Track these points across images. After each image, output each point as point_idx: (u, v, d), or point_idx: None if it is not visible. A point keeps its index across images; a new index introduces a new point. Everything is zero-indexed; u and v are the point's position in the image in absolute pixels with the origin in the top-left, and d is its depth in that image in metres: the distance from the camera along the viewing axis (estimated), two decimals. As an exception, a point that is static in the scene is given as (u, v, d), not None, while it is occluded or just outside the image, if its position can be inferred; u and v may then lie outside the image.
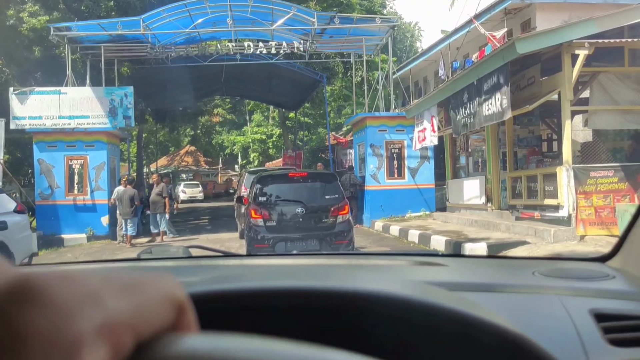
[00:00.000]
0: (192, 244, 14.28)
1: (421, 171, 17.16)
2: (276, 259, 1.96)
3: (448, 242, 10.70)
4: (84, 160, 16.33)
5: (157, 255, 2.16)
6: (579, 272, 1.45)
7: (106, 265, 2.12)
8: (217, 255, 2.13)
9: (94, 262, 2.27)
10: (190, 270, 1.81)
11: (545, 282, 1.32)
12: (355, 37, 17.76)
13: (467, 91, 11.65)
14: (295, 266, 1.49)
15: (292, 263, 1.84)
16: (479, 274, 1.59)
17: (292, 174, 10.13)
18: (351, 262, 1.82)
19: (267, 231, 9.29)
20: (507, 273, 1.57)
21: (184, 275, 1.70)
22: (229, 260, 1.97)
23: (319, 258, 1.90)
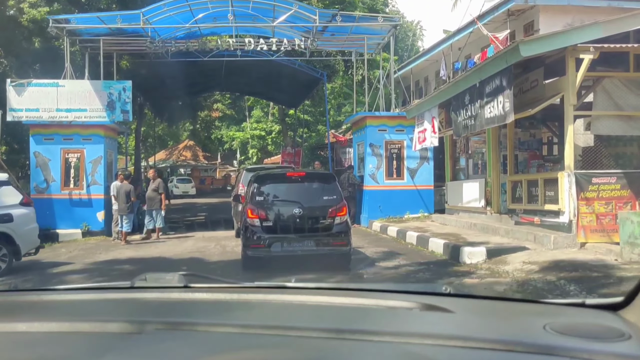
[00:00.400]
0: (188, 242, 14.14)
1: (420, 172, 17.04)
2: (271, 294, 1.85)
3: (446, 245, 10.58)
4: (80, 153, 16.18)
5: (151, 283, 2.04)
6: (592, 328, 1.37)
7: (99, 295, 1.97)
8: (214, 286, 2.01)
9: (86, 289, 2.17)
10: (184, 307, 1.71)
11: (557, 341, 1.26)
12: (357, 36, 17.61)
13: (469, 93, 11.52)
14: None
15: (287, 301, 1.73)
16: (488, 327, 1.49)
17: (290, 174, 10.01)
18: (350, 301, 1.70)
19: (263, 231, 9.16)
20: (518, 326, 1.47)
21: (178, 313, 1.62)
22: (225, 295, 1.86)
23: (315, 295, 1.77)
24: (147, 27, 15.77)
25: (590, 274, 7.19)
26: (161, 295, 1.87)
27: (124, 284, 2.05)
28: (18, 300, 1.92)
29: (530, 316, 1.57)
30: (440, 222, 14.95)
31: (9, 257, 10.14)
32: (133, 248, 13.49)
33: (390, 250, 11.63)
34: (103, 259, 11.62)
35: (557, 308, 1.65)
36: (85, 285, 2.28)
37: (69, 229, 15.75)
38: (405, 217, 16.47)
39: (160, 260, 11.45)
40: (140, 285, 1.98)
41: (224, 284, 2.06)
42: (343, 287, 1.95)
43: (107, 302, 1.85)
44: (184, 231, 17.36)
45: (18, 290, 2.12)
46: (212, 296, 1.85)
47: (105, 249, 13.30)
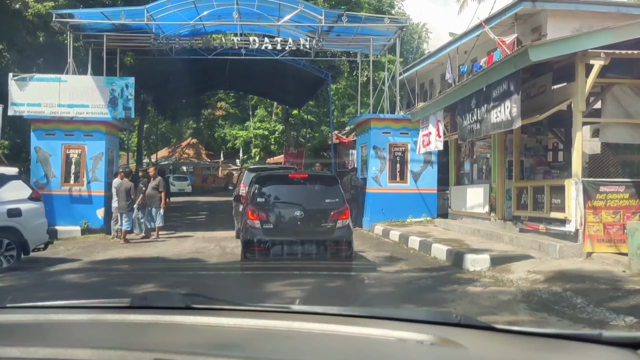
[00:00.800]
0: (187, 242, 13.99)
1: (424, 176, 16.87)
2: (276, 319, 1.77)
3: (449, 252, 10.41)
4: (81, 149, 16.06)
5: (152, 302, 1.98)
6: None
7: (97, 316, 1.89)
8: (217, 308, 1.95)
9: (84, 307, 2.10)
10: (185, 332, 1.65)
11: None
12: (363, 37, 17.45)
13: (475, 97, 11.34)
14: None
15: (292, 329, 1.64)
16: None
17: (292, 175, 9.86)
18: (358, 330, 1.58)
19: (263, 233, 9.00)
20: None
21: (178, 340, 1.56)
22: (229, 319, 1.79)
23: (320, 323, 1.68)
24: (151, 24, 15.63)
25: (598, 286, 7.01)
26: (162, 318, 1.81)
27: (124, 303, 2.00)
28: (12, 321, 1.86)
29: (546, 353, 1.49)
30: (443, 227, 14.77)
31: (17, 252, 10.10)
32: (132, 247, 13.34)
33: (392, 255, 11.46)
34: (101, 258, 11.47)
35: (574, 344, 1.52)
36: (82, 302, 2.22)
37: (68, 225, 15.62)
38: (408, 221, 16.30)
39: (158, 260, 11.29)
40: (140, 305, 1.93)
41: (228, 305, 1.99)
42: (350, 314, 1.85)
43: (106, 325, 1.79)
44: (184, 230, 17.24)
45: (14, 307, 2.04)
46: (215, 320, 1.78)
47: (104, 248, 13.16)
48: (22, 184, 10.83)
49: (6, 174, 10.77)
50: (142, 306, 1.90)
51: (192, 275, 9.63)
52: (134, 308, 1.89)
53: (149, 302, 1.95)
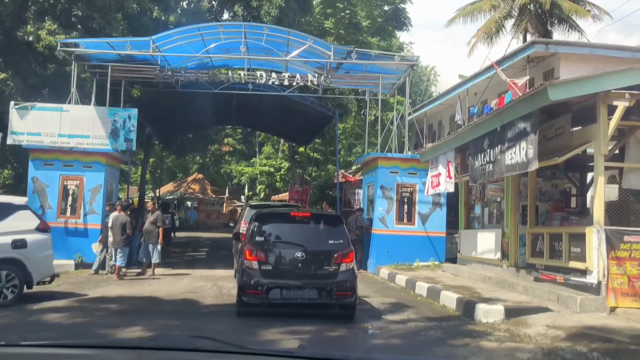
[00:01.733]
0: (184, 280, 13.37)
1: (432, 218, 16.27)
2: None
3: (460, 301, 9.73)
4: (80, 181, 15.62)
5: (162, 344, 2.06)
6: None
7: (108, 355, 1.99)
8: (223, 351, 2.06)
9: (95, 347, 2.19)
10: None
11: None
12: (372, 75, 17.12)
13: (488, 137, 10.85)
14: None
15: None
16: None
17: (294, 214, 9.25)
18: None
19: (261, 275, 8.40)
20: None
21: None
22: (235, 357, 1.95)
23: None
24: (157, 55, 15.36)
25: (627, 346, 6.33)
26: (171, 358, 1.91)
27: (134, 343, 2.17)
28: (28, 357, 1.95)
29: None
30: (452, 273, 14.09)
31: (20, 285, 9.70)
32: (125, 284, 12.72)
33: (398, 302, 10.79)
34: (91, 296, 10.85)
35: None
36: (94, 342, 2.52)
37: (62, 259, 14.88)
38: (415, 265, 15.63)
39: (150, 300, 10.67)
40: (150, 346, 2.01)
41: (234, 348, 2.07)
42: None
43: None
44: (183, 267, 16.68)
45: (28, 345, 2.09)
46: None
47: (96, 284, 12.55)
48: (30, 214, 10.57)
49: (14, 203, 10.56)
50: (152, 347, 1.98)
51: (183, 318, 8.99)
52: (145, 349, 1.95)
53: (159, 344, 2.02)
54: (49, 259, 10.68)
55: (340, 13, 27.45)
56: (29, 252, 9.87)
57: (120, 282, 12.99)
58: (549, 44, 17.83)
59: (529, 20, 28.27)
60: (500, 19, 28.41)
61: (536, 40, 18.11)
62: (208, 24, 16.37)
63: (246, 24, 16.41)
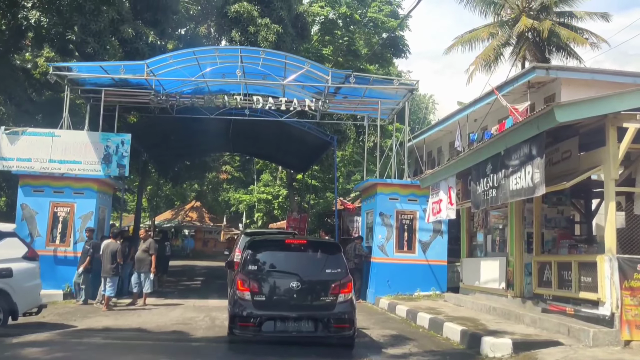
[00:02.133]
0: (176, 311, 12.82)
1: (433, 246, 15.79)
2: None
3: (464, 333, 9.22)
4: (70, 207, 15.15)
5: None
6: None
7: None
8: None
9: None
10: None
11: None
12: (370, 99, 16.82)
13: (491, 162, 10.47)
14: None
15: None
16: None
17: (289, 241, 8.79)
18: None
19: (254, 307, 7.91)
20: None
21: None
22: None
23: None
24: (151, 79, 15.04)
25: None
26: None
27: None
28: None
29: None
30: (454, 303, 13.56)
31: (4, 316, 9.30)
32: (114, 315, 12.17)
33: (399, 334, 10.26)
34: (76, 328, 10.31)
35: None
36: None
37: (50, 289, 14.36)
38: (416, 295, 15.09)
39: (138, 332, 10.12)
40: None
41: None
42: None
43: None
44: (176, 297, 16.14)
45: None
46: None
47: (83, 315, 12.01)
48: (17, 242, 10.19)
49: (1, 230, 10.10)
50: None
51: (171, 352, 8.47)
52: None
53: None
54: (37, 289, 10.27)
55: (338, 40, 27.39)
56: (14, 281, 9.44)
57: (108, 313, 12.45)
58: (550, 69, 17.59)
59: (527, 48, 28.24)
60: (498, 47, 28.37)
61: (537, 66, 17.88)
62: (204, 47, 16.12)
63: (242, 47, 16.17)
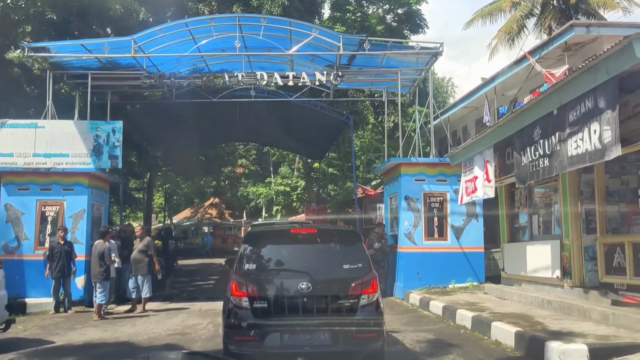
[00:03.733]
0: (177, 317, 11.18)
1: (468, 231, 13.93)
2: None
3: (520, 336, 7.41)
4: (59, 206, 13.64)
5: None
6: None
7: None
8: None
9: None
10: None
11: None
12: (389, 70, 14.92)
13: (540, 125, 8.60)
14: None
15: None
16: None
17: (296, 231, 6.96)
18: None
19: (254, 316, 6.18)
20: None
21: None
22: None
23: None
24: (140, 57, 13.33)
25: None
26: None
27: None
28: None
29: None
30: (497, 296, 11.72)
31: None
32: (104, 326, 10.58)
33: (437, 339, 8.49)
34: (50, 346, 8.71)
35: None
36: None
37: (41, 297, 13.05)
38: (451, 288, 13.28)
39: (124, 347, 8.49)
40: None
41: None
42: None
43: None
44: (183, 300, 14.62)
45: None
46: None
47: (70, 327, 10.48)
48: None
49: None
50: None
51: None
52: None
53: None
54: (2, 301, 8.73)
55: (350, 17, 25.45)
56: None
57: (99, 323, 10.88)
58: (591, 26, 15.47)
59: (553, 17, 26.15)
60: (521, 18, 26.39)
61: (575, 23, 15.75)
62: (197, 18, 14.31)
63: (240, 15, 14.29)
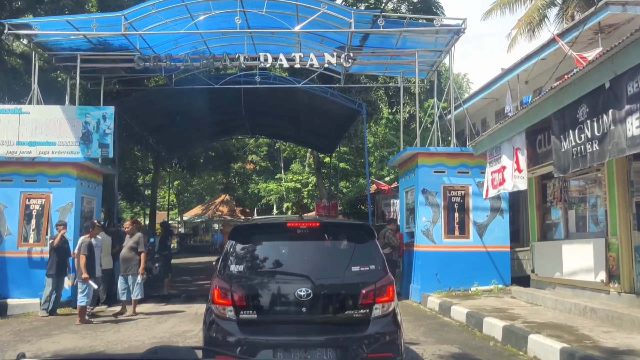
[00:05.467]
0: (169, 322, 9.93)
1: (492, 228, 12.63)
2: None
3: (569, 356, 6.10)
4: (45, 199, 12.52)
5: (162, 356, 1.98)
6: None
7: None
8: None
9: None
10: None
11: None
12: (405, 52, 13.60)
13: (587, 102, 7.29)
14: None
15: None
16: None
17: (294, 224, 5.67)
18: None
19: (240, 330, 4.96)
20: None
21: None
22: None
23: None
24: (131, 35, 12.12)
25: None
26: None
27: (135, 356, 2.07)
28: None
29: None
30: (527, 301, 10.39)
31: None
32: (85, 331, 9.41)
33: (463, 353, 7.21)
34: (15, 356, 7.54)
35: None
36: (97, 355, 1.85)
37: (24, 298, 12.00)
38: (473, 291, 11.99)
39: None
40: (150, 358, 1.92)
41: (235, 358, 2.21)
42: None
43: None
44: (180, 302, 13.45)
45: None
46: None
47: (47, 332, 9.35)
48: None
49: None
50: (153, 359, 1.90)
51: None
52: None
53: (159, 356, 1.96)
54: None
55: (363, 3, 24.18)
56: None
57: (80, 328, 9.71)
58: (627, 4, 14.08)
59: (577, 6, 24.68)
60: (542, 7, 24.96)
61: (610, 1, 14.39)
62: (193, -9, 13.13)
63: (241, -14, 13.09)
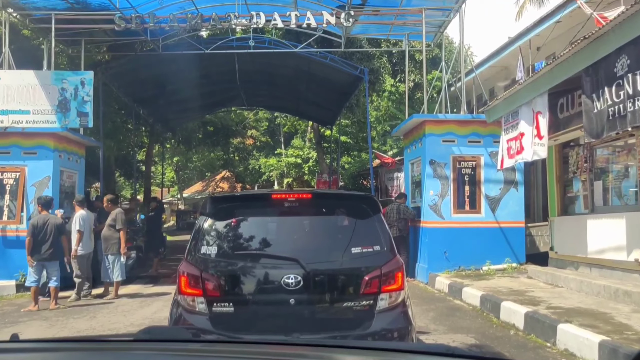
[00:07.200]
0: (152, 305, 8.86)
1: (505, 202, 11.63)
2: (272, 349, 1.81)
3: (612, 351, 5.13)
4: (20, 172, 11.52)
5: (155, 336, 1.97)
6: None
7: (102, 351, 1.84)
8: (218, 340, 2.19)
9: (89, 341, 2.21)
10: None
11: None
12: (410, 10, 12.45)
13: (628, 53, 6.23)
14: None
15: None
16: None
17: (279, 196, 4.63)
18: None
19: (212, 325, 3.98)
20: None
21: None
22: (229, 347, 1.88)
23: (311, 352, 1.74)
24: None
25: None
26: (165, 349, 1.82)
27: (127, 337, 2.04)
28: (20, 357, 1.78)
29: None
30: (546, 282, 9.43)
31: None
32: (57, 317, 8.51)
33: (480, 344, 6.25)
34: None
35: None
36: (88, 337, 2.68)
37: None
38: (486, 270, 11.04)
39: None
40: (143, 338, 1.90)
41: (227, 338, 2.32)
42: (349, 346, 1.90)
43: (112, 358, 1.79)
44: (169, 283, 12.46)
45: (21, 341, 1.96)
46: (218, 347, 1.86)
47: (15, 319, 8.45)
48: None
49: None
50: (146, 339, 1.91)
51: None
52: (138, 341, 1.89)
53: (152, 336, 1.97)
54: None
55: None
56: None
57: (51, 314, 8.78)
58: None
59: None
60: (554, -29, 23.60)
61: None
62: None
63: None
